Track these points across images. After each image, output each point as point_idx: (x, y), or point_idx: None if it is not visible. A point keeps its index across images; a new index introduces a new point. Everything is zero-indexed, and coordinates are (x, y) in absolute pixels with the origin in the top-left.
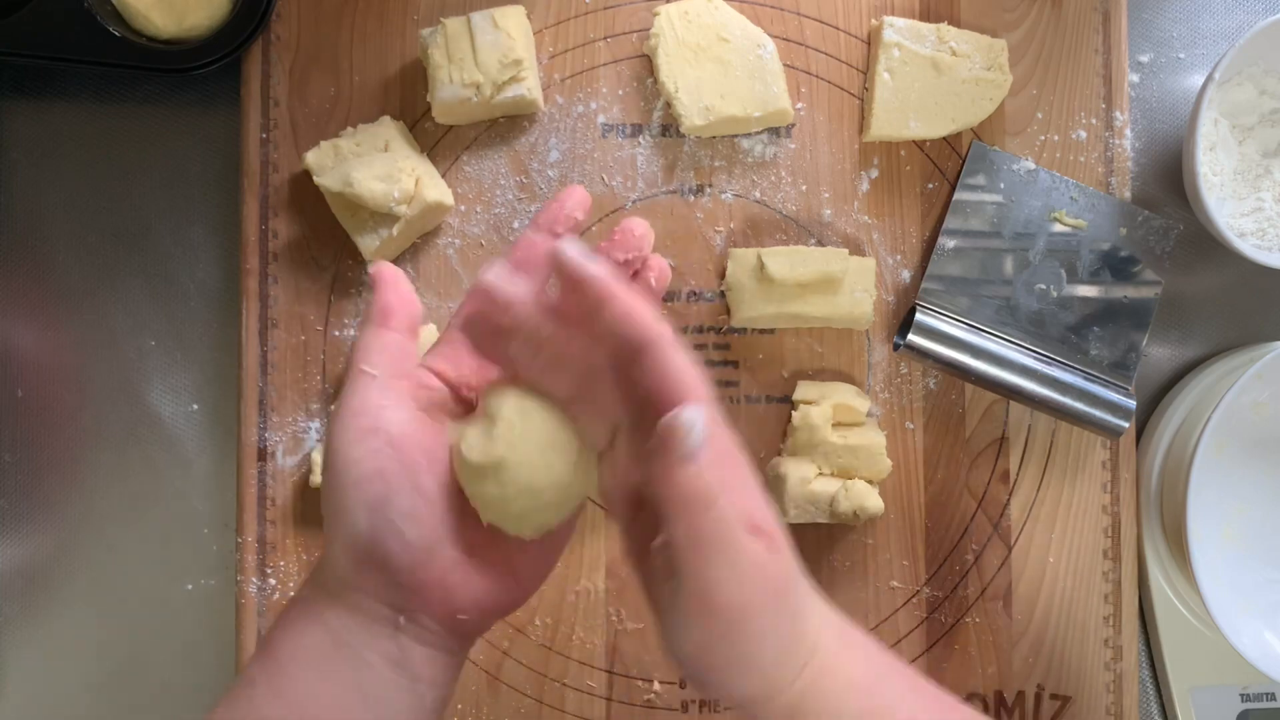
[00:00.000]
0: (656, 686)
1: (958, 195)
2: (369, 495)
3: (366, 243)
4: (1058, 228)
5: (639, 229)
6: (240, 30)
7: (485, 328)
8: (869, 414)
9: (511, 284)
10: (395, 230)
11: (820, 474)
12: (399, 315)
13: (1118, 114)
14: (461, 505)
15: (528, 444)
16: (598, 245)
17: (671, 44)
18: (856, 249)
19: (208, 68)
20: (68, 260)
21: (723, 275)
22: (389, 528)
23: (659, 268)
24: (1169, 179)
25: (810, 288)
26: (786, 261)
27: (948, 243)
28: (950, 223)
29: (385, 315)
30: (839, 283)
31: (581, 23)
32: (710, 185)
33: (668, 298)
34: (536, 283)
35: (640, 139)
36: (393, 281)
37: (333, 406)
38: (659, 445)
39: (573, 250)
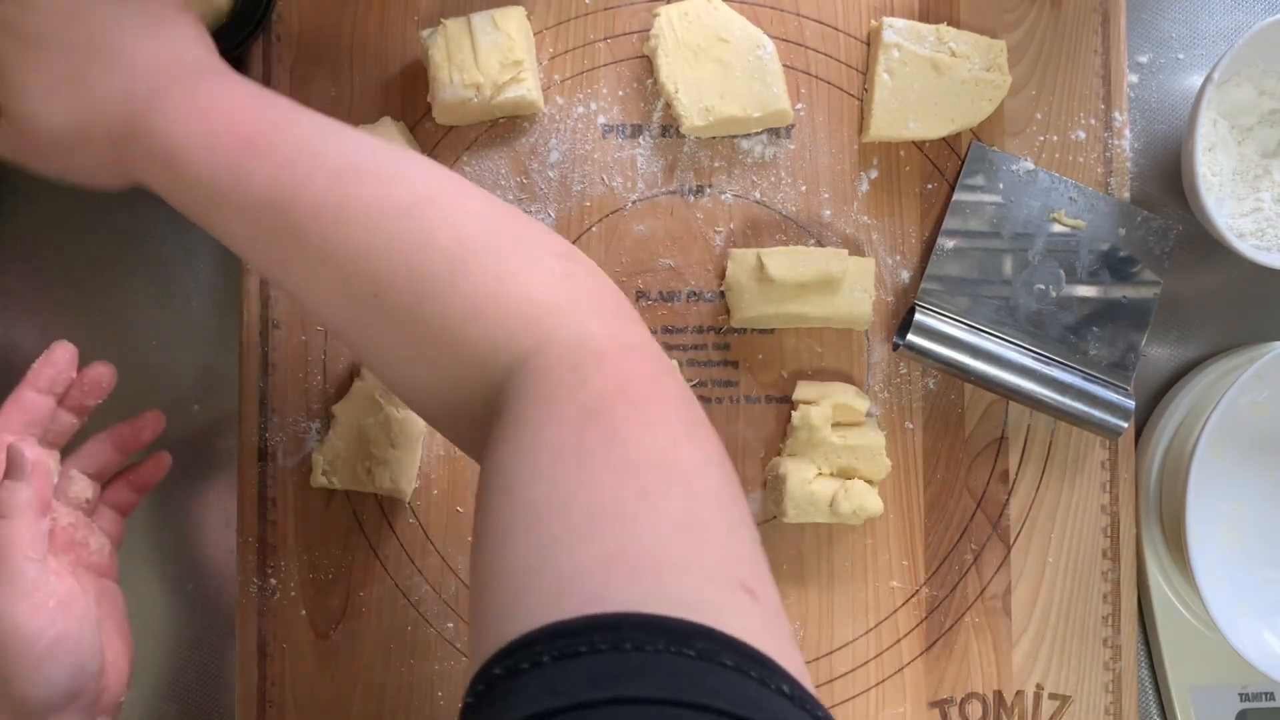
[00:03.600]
0: None
1: (957, 196)
2: (62, 655)
3: None
4: (1057, 228)
5: (107, 379)
6: (239, 31)
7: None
8: (868, 414)
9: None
10: None
11: (820, 474)
12: (46, 504)
13: (1117, 114)
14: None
15: None
16: (70, 395)
17: (671, 45)
18: (856, 249)
19: None
20: (69, 261)
21: (723, 275)
22: (85, 674)
23: (153, 426)
24: (1168, 179)
25: (810, 288)
26: (786, 261)
27: (947, 243)
28: (949, 223)
29: (41, 506)
30: (839, 283)
31: (581, 24)
32: (710, 185)
33: (668, 297)
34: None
35: (640, 139)
36: (40, 472)
37: None
38: None
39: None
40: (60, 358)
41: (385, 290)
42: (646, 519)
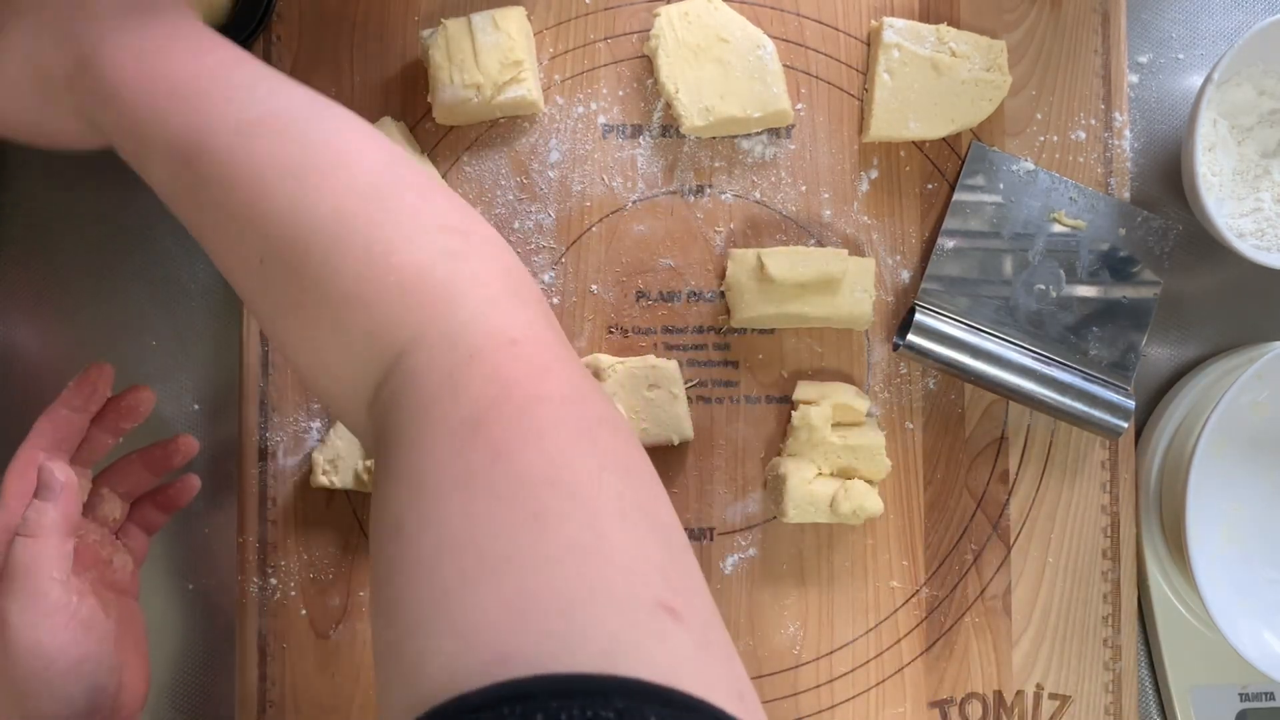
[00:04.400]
0: None
1: (957, 196)
2: (80, 676)
3: None
4: (1057, 228)
5: (145, 402)
6: (238, 33)
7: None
8: (869, 414)
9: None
10: None
11: (820, 474)
12: (72, 526)
13: (1117, 114)
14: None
15: None
16: (105, 414)
17: (672, 45)
18: (856, 249)
19: None
20: (69, 261)
21: (723, 275)
22: (103, 694)
23: (185, 451)
24: (1168, 179)
25: (810, 288)
26: (786, 262)
27: (947, 243)
28: (950, 223)
29: (67, 527)
30: (839, 283)
31: (582, 24)
32: (710, 185)
33: (668, 297)
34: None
35: (640, 140)
36: (68, 493)
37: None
38: None
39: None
40: (96, 376)
41: (269, 260)
42: (542, 548)
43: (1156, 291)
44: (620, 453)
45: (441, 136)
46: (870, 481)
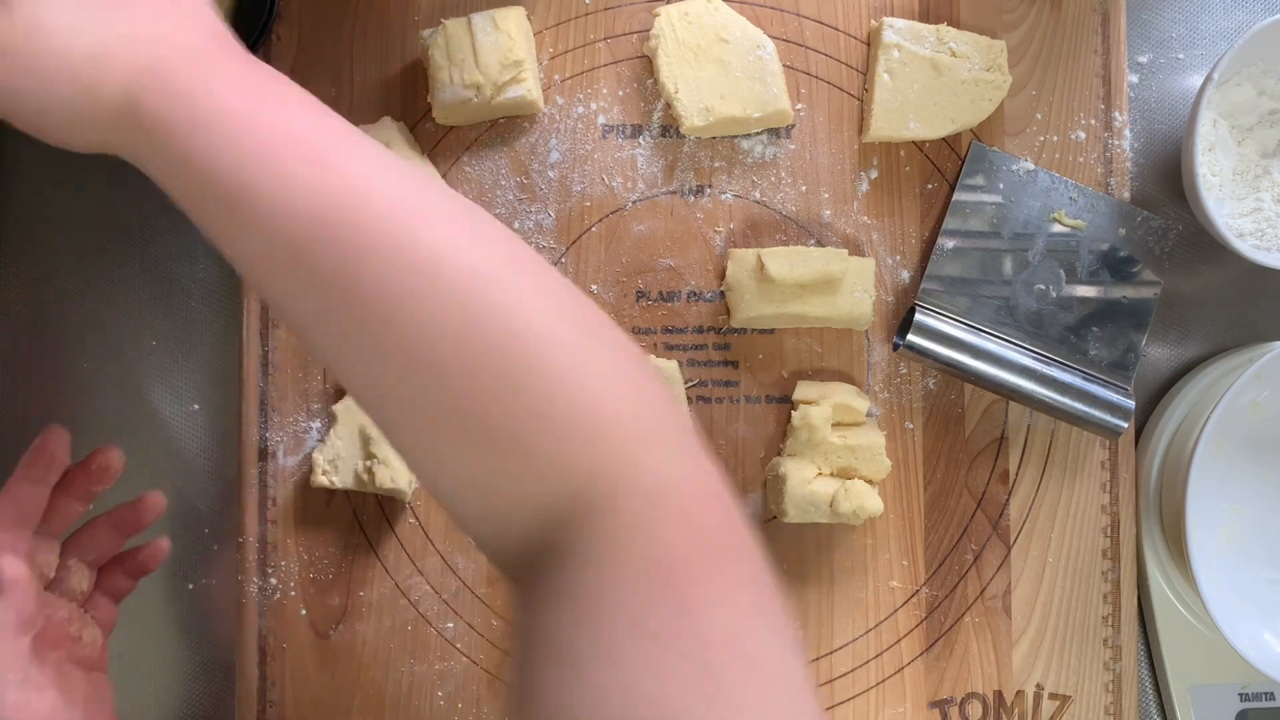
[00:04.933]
0: None
1: (957, 196)
2: None
3: None
4: (1057, 228)
5: (116, 464)
6: (241, 38)
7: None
8: (869, 414)
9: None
10: None
11: (820, 474)
12: (31, 620)
13: (1117, 114)
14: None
15: None
16: (73, 476)
17: (672, 45)
18: (856, 249)
19: None
20: (68, 260)
21: (723, 275)
22: None
23: (155, 510)
24: (1168, 179)
25: (810, 288)
26: (786, 262)
27: (947, 243)
28: (949, 223)
29: (25, 624)
30: (838, 283)
31: (582, 24)
32: (710, 185)
33: (668, 298)
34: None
35: (640, 140)
36: (20, 588)
37: None
38: None
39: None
40: (53, 444)
41: (418, 382)
42: (718, 712)
43: (1156, 291)
44: (782, 618)
45: (441, 136)
46: (870, 481)
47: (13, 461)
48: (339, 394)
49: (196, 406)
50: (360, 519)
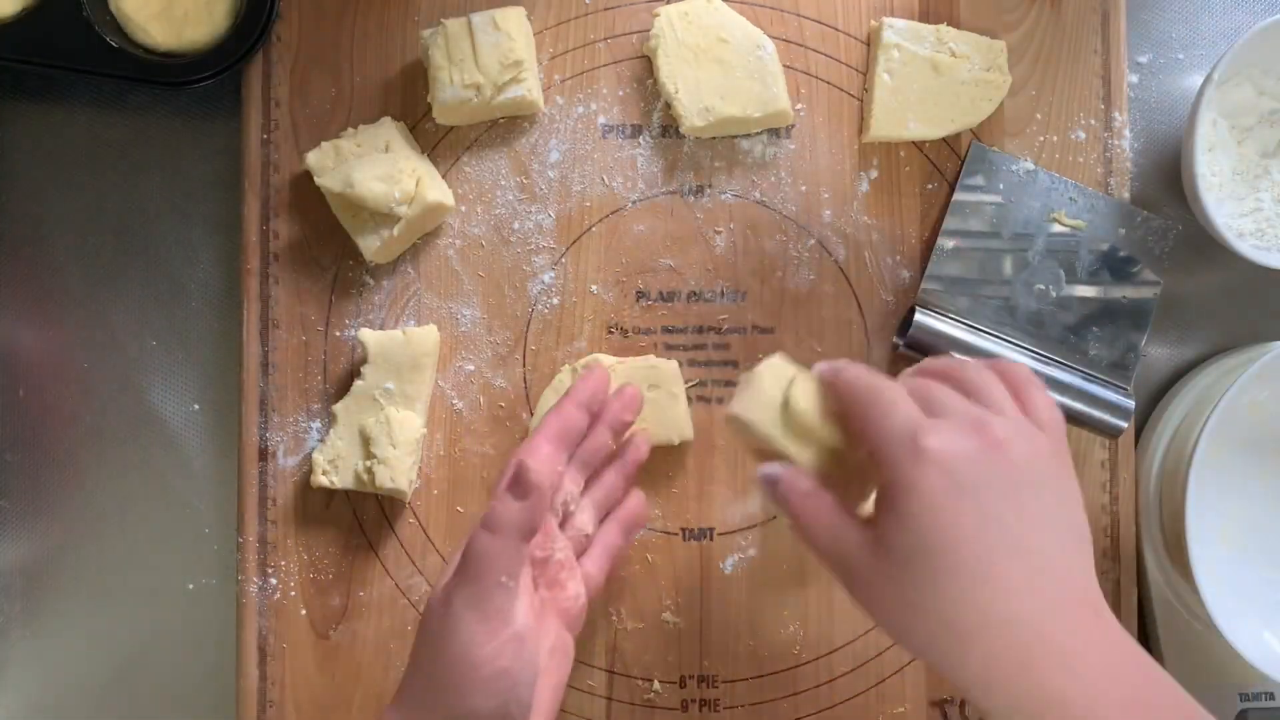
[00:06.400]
0: (656, 686)
1: (957, 196)
2: (498, 690)
3: (367, 243)
4: (1057, 228)
5: (638, 396)
6: (238, 46)
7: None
8: None
9: (555, 459)
10: (396, 231)
11: None
12: (540, 526)
13: (1116, 114)
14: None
15: None
16: (608, 407)
17: (671, 45)
18: (856, 249)
19: (203, 82)
20: (69, 261)
21: (723, 276)
22: (509, 713)
23: (644, 447)
24: (1168, 179)
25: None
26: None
27: (947, 243)
28: (950, 223)
29: (530, 531)
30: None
31: (582, 24)
32: (710, 186)
33: (668, 298)
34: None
35: (640, 140)
36: (542, 491)
37: (443, 587)
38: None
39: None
40: (601, 376)
41: None
42: None
43: (1156, 291)
44: None
45: (441, 136)
46: None
47: (14, 457)
48: (339, 394)
49: (196, 406)
50: (360, 519)
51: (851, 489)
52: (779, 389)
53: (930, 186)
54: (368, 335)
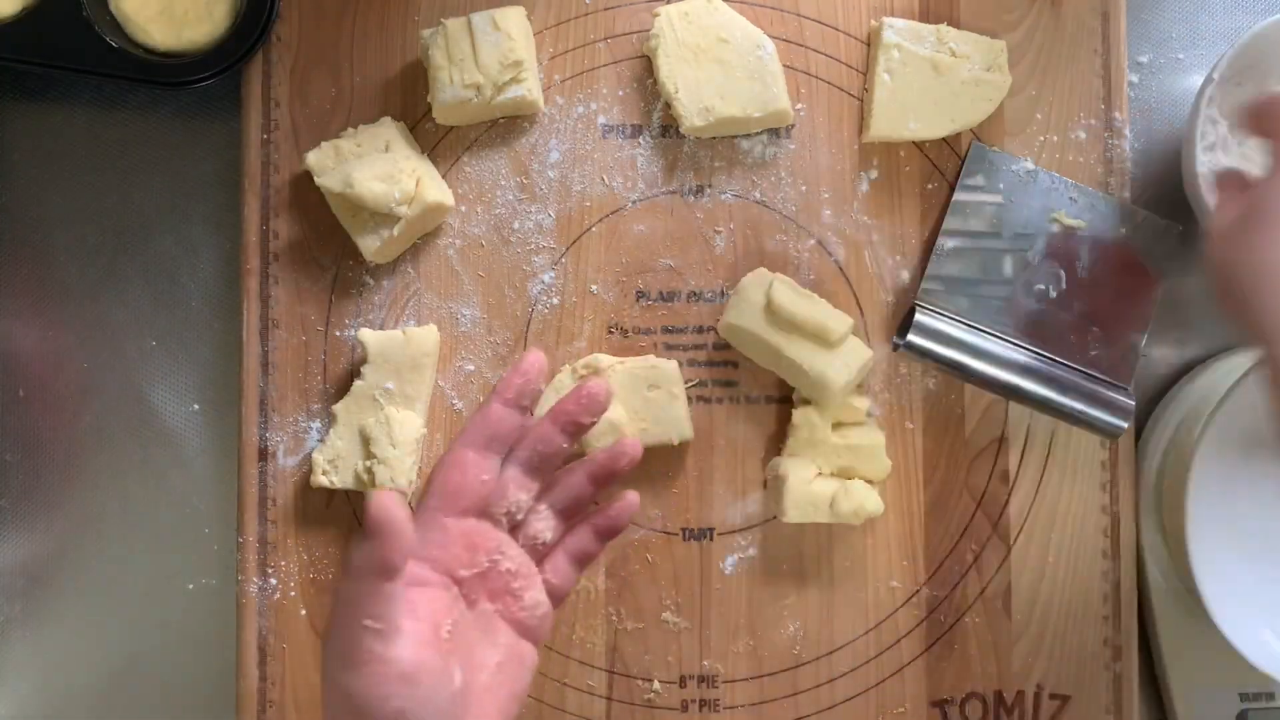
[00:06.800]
0: (656, 686)
1: (957, 196)
2: None
3: (367, 243)
4: (1057, 228)
5: (602, 394)
6: (238, 46)
7: (470, 502)
8: (869, 414)
9: (480, 467)
10: (396, 231)
11: (820, 474)
12: (401, 563)
13: (1117, 114)
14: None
15: None
16: (562, 406)
17: (671, 45)
18: (856, 249)
19: (203, 82)
20: (69, 260)
21: (724, 275)
22: None
23: (631, 454)
24: (1168, 179)
25: (801, 330)
26: (793, 295)
27: (947, 243)
28: (950, 223)
29: (391, 571)
30: (828, 343)
31: (582, 24)
32: (710, 185)
33: (668, 298)
34: (502, 453)
35: (640, 139)
36: (390, 528)
37: (324, 641)
38: None
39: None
40: (526, 365)
41: None
42: None
43: (1156, 292)
44: None
45: (441, 136)
46: (870, 481)
47: (14, 457)
48: (339, 394)
49: (196, 406)
50: (360, 519)
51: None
52: (761, 293)
53: (930, 186)
54: (368, 335)
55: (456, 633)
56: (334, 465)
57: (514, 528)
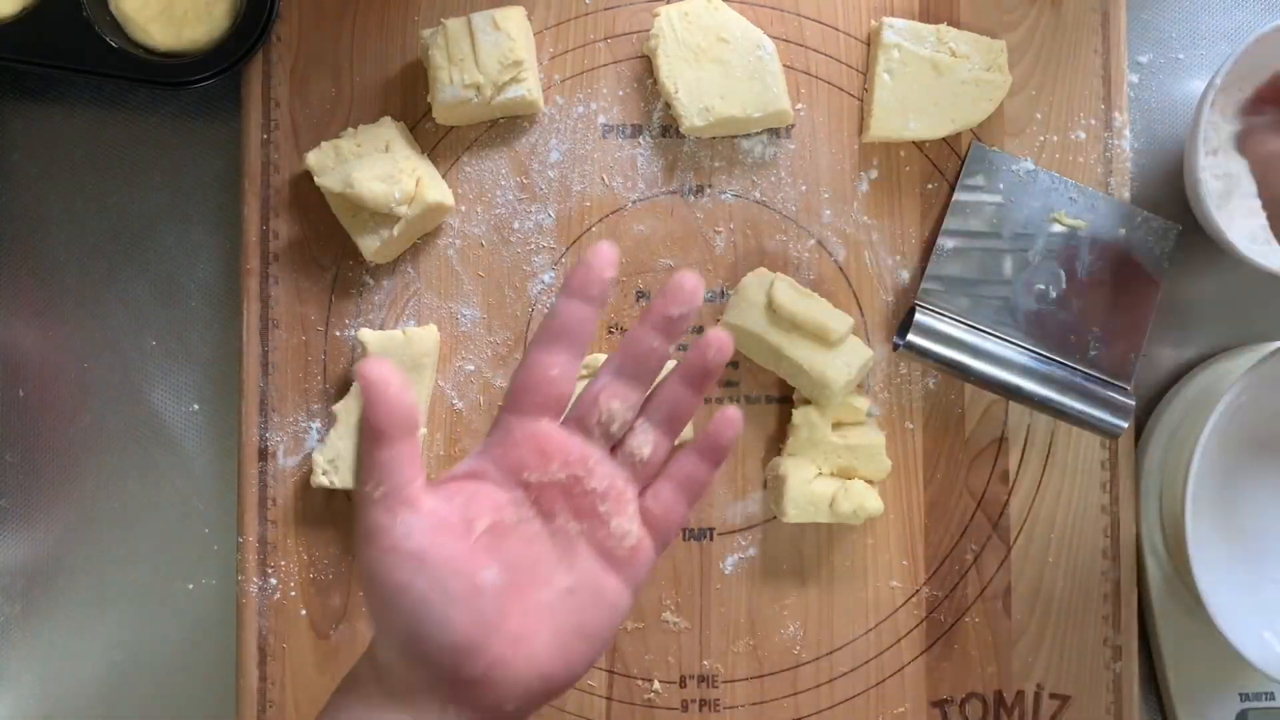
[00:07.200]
0: (656, 686)
1: (957, 196)
2: (402, 608)
3: (367, 243)
4: (1057, 228)
5: (689, 283)
6: (238, 46)
7: (538, 399)
8: (869, 414)
9: (545, 363)
10: (396, 231)
11: (820, 474)
12: (393, 429)
13: (1117, 114)
14: (509, 593)
15: None
16: (650, 304)
17: (671, 45)
18: (856, 249)
19: (203, 82)
20: (69, 260)
21: (724, 275)
22: (425, 633)
23: (718, 344)
24: (1168, 179)
25: (802, 330)
26: (793, 294)
27: (947, 243)
28: (950, 223)
29: (379, 436)
30: (829, 343)
31: (582, 24)
32: (710, 186)
33: None
34: (577, 352)
35: (640, 139)
36: (381, 390)
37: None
38: None
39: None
40: (594, 256)
41: None
42: None
43: (1157, 292)
44: None
45: (441, 136)
46: (870, 481)
47: (14, 457)
48: (339, 394)
49: (196, 406)
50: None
51: None
52: (762, 292)
53: (930, 186)
54: (368, 335)
55: (507, 535)
56: (334, 465)
57: (615, 447)
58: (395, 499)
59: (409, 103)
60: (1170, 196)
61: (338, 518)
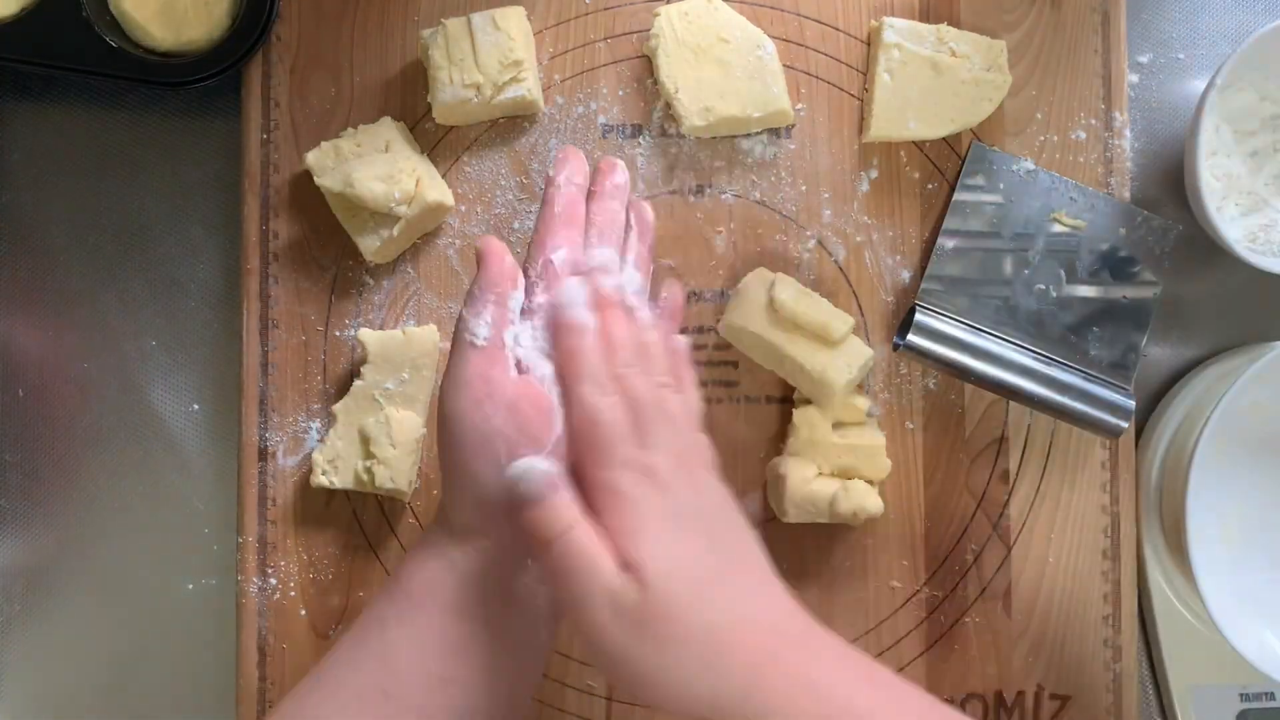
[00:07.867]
0: None
1: (957, 196)
2: (492, 455)
3: (367, 243)
4: (1057, 228)
5: (618, 166)
6: (237, 46)
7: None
8: (869, 414)
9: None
10: (396, 231)
11: (820, 474)
12: (504, 285)
13: (1117, 114)
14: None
15: None
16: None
17: (671, 45)
18: (856, 249)
19: (203, 82)
20: (69, 260)
21: (724, 275)
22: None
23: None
24: (1168, 179)
25: (803, 331)
26: (795, 293)
27: (947, 243)
28: (950, 223)
29: (492, 288)
30: (830, 343)
31: (582, 24)
32: (710, 185)
33: None
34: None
35: (640, 139)
36: (499, 256)
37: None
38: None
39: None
40: (571, 153)
41: None
42: None
43: (1156, 291)
44: None
45: (441, 136)
46: (870, 481)
47: (13, 457)
48: (339, 394)
49: (196, 406)
50: (360, 519)
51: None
52: (762, 292)
53: (930, 186)
54: (368, 335)
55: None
56: (334, 465)
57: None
58: (496, 349)
59: (409, 103)
60: (1170, 196)
61: (337, 518)
